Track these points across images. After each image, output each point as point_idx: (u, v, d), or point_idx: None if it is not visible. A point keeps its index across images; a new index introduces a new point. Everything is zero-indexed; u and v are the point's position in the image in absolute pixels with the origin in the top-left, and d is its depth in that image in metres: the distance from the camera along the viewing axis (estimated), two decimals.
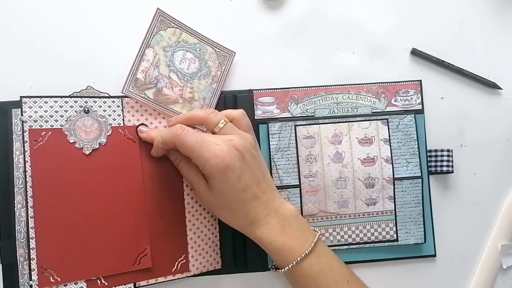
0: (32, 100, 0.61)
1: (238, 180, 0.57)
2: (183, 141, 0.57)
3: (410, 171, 0.71)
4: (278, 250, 0.59)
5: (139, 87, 0.66)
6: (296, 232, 0.60)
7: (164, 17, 0.68)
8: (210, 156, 0.56)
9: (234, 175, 0.57)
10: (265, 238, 0.59)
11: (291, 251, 0.58)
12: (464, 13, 0.77)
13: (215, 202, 0.60)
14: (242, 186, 0.58)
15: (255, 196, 0.59)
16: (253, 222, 0.60)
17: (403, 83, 0.73)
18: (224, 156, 0.56)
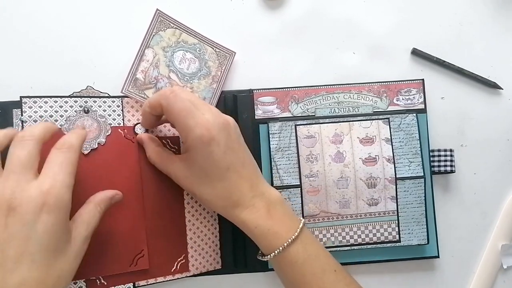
0: (32, 100, 0.60)
1: (223, 157, 0.53)
2: (171, 104, 0.53)
3: (412, 171, 0.70)
4: (264, 235, 0.56)
5: (139, 87, 0.65)
6: (282, 217, 0.57)
7: (163, 18, 0.67)
8: (195, 125, 0.51)
9: (219, 150, 0.53)
10: (249, 222, 0.56)
11: (277, 236, 0.55)
12: (464, 13, 0.77)
13: (194, 181, 0.56)
14: (227, 164, 0.54)
15: (240, 176, 0.55)
16: (236, 204, 0.56)
17: (405, 82, 0.73)
18: (210, 127, 0.52)
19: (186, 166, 0.56)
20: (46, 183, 0.43)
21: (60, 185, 0.44)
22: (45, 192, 0.43)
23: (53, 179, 0.44)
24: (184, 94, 0.53)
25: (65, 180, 0.45)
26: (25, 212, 0.42)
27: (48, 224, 0.43)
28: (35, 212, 0.42)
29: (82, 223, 0.49)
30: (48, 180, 0.44)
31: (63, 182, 0.44)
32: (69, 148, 0.48)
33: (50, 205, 0.43)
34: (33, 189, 0.43)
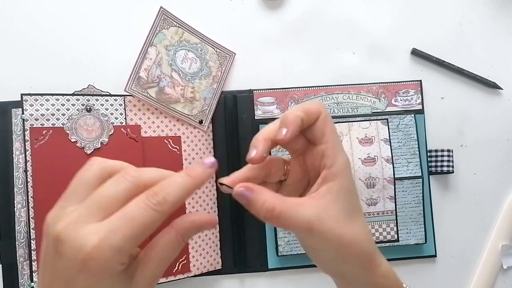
0: (33, 98, 0.60)
1: (352, 192, 0.44)
2: (329, 117, 0.44)
3: (410, 171, 0.71)
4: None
5: (142, 85, 0.66)
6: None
7: (167, 16, 0.68)
8: (342, 148, 0.43)
9: (351, 186, 0.44)
10: (391, 270, 0.49)
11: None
12: (464, 13, 0.77)
13: (342, 219, 0.43)
14: (353, 183, 0.45)
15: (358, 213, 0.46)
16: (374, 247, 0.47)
17: (403, 83, 0.74)
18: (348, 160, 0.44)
19: (330, 201, 0.42)
20: (94, 239, 0.35)
21: (109, 248, 0.34)
22: (88, 250, 0.35)
23: (106, 238, 0.35)
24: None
25: (121, 244, 0.35)
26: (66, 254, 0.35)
27: (87, 282, 0.36)
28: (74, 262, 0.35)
29: (152, 260, 0.38)
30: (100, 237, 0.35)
31: (116, 246, 0.35)
32: (159, 205, 0.37)
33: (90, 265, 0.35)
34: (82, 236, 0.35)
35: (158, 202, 0.36)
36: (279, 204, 0.40)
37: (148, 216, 0.36)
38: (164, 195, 0.36)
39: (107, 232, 0.35)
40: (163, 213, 0.36)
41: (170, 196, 0.37)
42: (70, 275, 0.35)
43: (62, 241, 0.35)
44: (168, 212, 0.37)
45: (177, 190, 0.37)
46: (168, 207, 0.37)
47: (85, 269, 0.35)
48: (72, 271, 0.35)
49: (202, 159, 0.41)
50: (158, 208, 0.36)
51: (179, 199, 0.37)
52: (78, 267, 0.35)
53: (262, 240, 0.71)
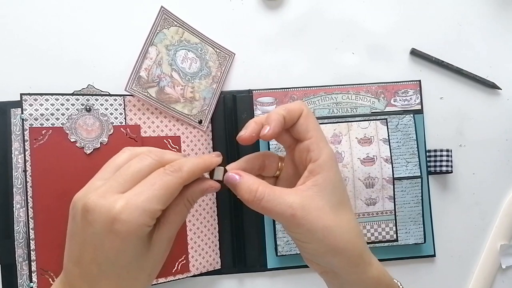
0: (32, 97, 0.60)
1: (339, 186, 0.45)
2: (311, 113, 0.46)
3: (409, 171, 0.71)
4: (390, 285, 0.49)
5: (142, 85, 0.66)
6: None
7: (167, 16, 0.68)
8: (327, 142, 0.45)
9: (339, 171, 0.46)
10: (382, 270, 0.50)
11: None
12: (464, 13, 0.77)
13: (328, 211, 0.44)
14: (340, 176, 0.46)
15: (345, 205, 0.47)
16: (364, 243, 0.48)
17: (402, 83, 0.74)
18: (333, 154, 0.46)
19: (315, 193, 0.44)
20: (122, 202, 0.38)
21: (135, 208, 0.38)
22: (116, 211, 0.38)
23: (131, 200, 0.39)
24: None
25: (145, 205, 0.39)
26: (95, 220, 0.39)
27: (114, 244, 0.39)
28: (102, 227, 0.38)
29: (165, 224, 0.42)
30: (126, 199, 0.39)
31: (141, 206, 0.38)
32: (174, 172, 0.41)
33: (117, 227, 0.38)
34: (110, 202, 0.39)
35: (174, 169, 0.41)
36: (262, 187, 0.43)
37: (167, 180, 0.40)
38: (180, 165, 0.41)
39: (131, 196, 0.39)
40: (179, 178, 0.41)
41: (185, 167, 0.41)
42: (99, 240, 0.39)
43: (91, 209, 0.39)
44: (184, 179, 0.41)
45: (191, 164, 0.42)
46: (184, 174, 0.41)
47: (113, 231, 0.38)
48: (100, 235, 0.38)
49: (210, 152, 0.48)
50: (175, 174, 0.41)
51: (193, 171, 0.42)
52: (106, 230, 0.38)
53: (261, 240, 0.71)
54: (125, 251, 0.39)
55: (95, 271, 0.40)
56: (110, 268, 0.40)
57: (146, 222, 0.39)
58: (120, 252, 0.39)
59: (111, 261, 0.40)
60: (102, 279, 0.40)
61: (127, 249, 0.39)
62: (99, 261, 0.40)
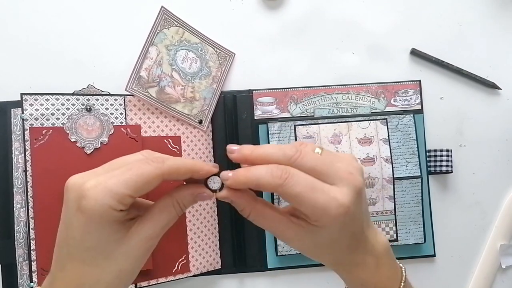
0: (33, 97, 0.60)
1: (352, 225, 0.43)
2: (287, 190, 0.40)
3: (409, 171, 0.71)
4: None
5: (143, 85, 0.66)
6: (388, 271, 0.48)
7: (168, 16, 0.68)
8: (329, 204, 0.40)
9: (350, 220, 0.42)
10: (355, 280, 0.47)
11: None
12: (464, 13, 0.77)
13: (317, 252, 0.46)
14: (354, 230, 0.44)
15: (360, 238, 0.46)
16: (349, 263, 0.47)
17: (402, 83, 0.74)
18: (349, 203, 0.40)
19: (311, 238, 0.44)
20: (93, 181, 0.38)
21: (103, 188, 0.38)
22: (84, 188, 0.38)
23: (102, 179, 0.38)
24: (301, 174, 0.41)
25: (114, 187, 0.38)
26: (68, 198, 0.39)
27: (80, 222, 0.38)
28: (73, 204, 0.39)
29: (147, 220, 0.41)
30: (98, 179, 0.38)
31: (109, 187, 0.38)
32: (155, 162, 0.39)
33: (83, 204, 0.38)
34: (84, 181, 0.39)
35: (157, 160, 0.39)
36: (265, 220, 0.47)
37: (145, 168, 0.39)
38: (163, 158, 0.40)
39: (105, 178, 0.38)
40: (158, 168, 0.39)
41: (169, 161, 0.40)
42: (69, 218, 0.39)
43: (69, 187, 0.39)
44: (162, 170, 0.39)
45: (175, 159, 0.41)
46: (164, 166, 0.39)
47: (80, 209, 0.38)
48: (71, 212, 0.39)
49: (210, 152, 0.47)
50: (155, 165, 0.39)
51: (176, 166, 0.40)
52: (75, 208, 0.38)
53: (262, 240, 0.71)
54: (89, 232, 0.39)
55: (64, 252, 0.40)
56: (76, 250, 0.39)
57: (112, 205, 0.38)
58: (85, 233, 0.39)
59: (77, 241, 0.39)
60: (69, 262, 0.40)
61: (91, 230, 0.39)
62: (68, 241, 0.39)
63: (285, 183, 0.40)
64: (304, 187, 0.40)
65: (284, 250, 0.69)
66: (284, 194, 0.41)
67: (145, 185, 0.39)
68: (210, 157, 0.70)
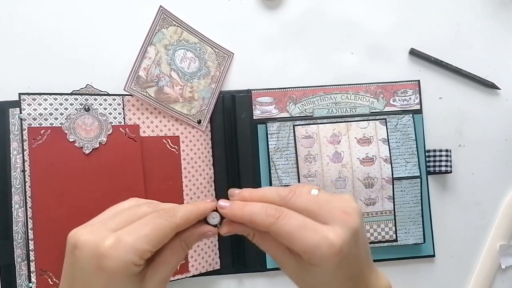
0: (31, 97, 0.60)
1: (348, 267, 0.42)
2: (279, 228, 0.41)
3: (409, 171, 0.71)
4: None
5: (141, 85, 0.66)
6: None
7: (166, 15, 0.68)
8: (320, 243, 0.40)
9: (345, 262, 0.41)
10: None
11: None
12: (463, 13, 0.77)
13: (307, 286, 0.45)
14: (352, 273, 0.43)
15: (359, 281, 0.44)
16: None
17: (401, 83, 0.74)
18: (341, 242, 0.40)
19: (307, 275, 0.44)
20: (111, 238, 0.38)
21: (124, 245, 0.38)
22: (104, 247, 0.38)
23: (121, 237, 0.38)
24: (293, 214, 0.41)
25: (135, 243, 0.38)
26: (82, 256, 0.38)
27: (101, 281, 0.38)
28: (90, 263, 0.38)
29: (160, 264, 0.42)
30: (116, 236, 0.38)
31: (130, 244, 0.38)
32: (168, 216, 0.41)
33: (105, 263, 0.38)
34: (99, 238, 0.38)
35: (169, 215, 0.40)
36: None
37: (160, 223, 0.40)
38: (174, 211, 0.41)
39: (122, 234, 0.38)
40: (174, 224, 0.40)
41: (179, 213, 0.41)
42: (86, 276, 0.38)
43: (79, 245, 0.38)
44: (177, 224, 0.41)
45: (185, 211, 0.42)
46: (177, 220, 0.41)
47: (101, 268, 0.37)
48: (88, 271, 0.38)
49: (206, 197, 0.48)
50: (168, 218, 0.40)
51: (186, 218, 0.41)
52: (94, 267, 0.38)
53: None
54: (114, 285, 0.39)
55: None
56: None
57: (134, 261, 0.38)
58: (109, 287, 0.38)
59: None
60: None
61: (114, 286, 0.39)
62: None
63: (277, 221, 0.41)
64: (295, 225, 0.40)
65: None
66: (276, 233, 0.41)
67: (163, 239, 0.40)
68: (208, 157, 0.70)
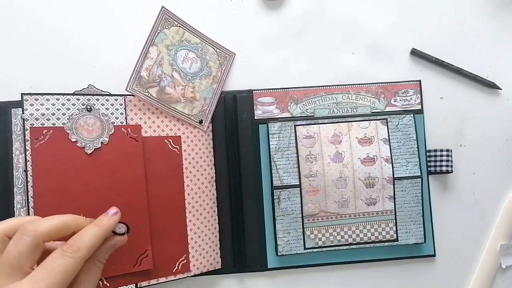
0: (33, 97, 0.60)
1: None
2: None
3: (409, 171, 0.71)
4: None
5: (143, 85, 0.66)
6: None
7: (168, 16, 0.68)
8: None
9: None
10: None
11: None
12: (464, 13, 0.77)
13: None
14: None
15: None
16: None
17: (402, 83, 0.74)
18: None
19: None
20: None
21: None
22: None
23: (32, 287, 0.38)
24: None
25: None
26: None
27: None
28: None
29: (79, 284, 0.42)
30: (27, 286, 0.38)
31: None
32: (73, 253, 0.40)
33: None
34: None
35: (73, 250, 0.40)
36: None
37: (66, 263, 0.39)
38: (78, 244, 0.41)
39: (30, 285, 0.38)
40: (80, 258, 0.40)
41: (83, 244, 0.41)
42: None
43: None
44: (84, 258, 0.41)
45: (89, 238, 0.42)
46: (83, 254, 0.41)
47: None
48: None
49: (107, 210, 0.47)
50: (74, 255, 0.40)
51: (92, 246, 0.42)
52: None
53: (262, 240, 0.71)
54: None
55: None
56: None
57: None
58: None
59: None
60: None
61: None
62: None
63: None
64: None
65: (285, 250, 0.69)
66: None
67: (72, 277, 0.40)
68: (210, 157, 0.70)
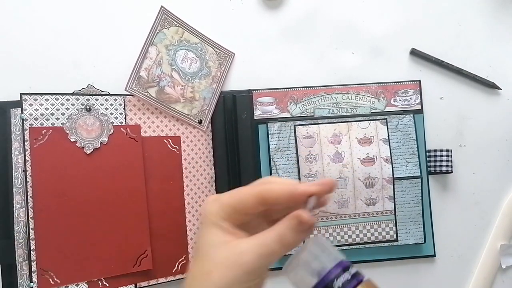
0: (32, 97, 0.60)
1: None
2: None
3: (409, 171, 0.71)
4: None
5: (142, 85, 0.66)
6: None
7: (167, 15, 0.68)
8: None
9: None
10: None
11: None
12: (464, 14, 0.77)
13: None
14: None
15: None
16: None
17: (402, 83, 0.74)
18: None
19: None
20: (210, 199, 0.39)
21: (217, 201, 0.39)
22: (207, 201, 0.39)
23: (220, 197, 0.39)
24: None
25: (225, 200, 0.39)
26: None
27: (200, 223, 0.39)
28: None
29: (270, 234, 0.38)
30: (218, 197, 0.39)
31: (223, 200, 0.39)
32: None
33: (201, 218, 0.39)
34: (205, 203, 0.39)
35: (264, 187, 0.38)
36: None
37: (257, 189, 0.38)
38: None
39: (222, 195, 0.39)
40: (262, 190, 0.38)
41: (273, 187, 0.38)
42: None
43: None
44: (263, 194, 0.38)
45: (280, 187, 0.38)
46: (266, 187, 0.38)
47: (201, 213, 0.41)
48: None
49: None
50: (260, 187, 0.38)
51: (278, 193, 0.37)
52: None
53: None
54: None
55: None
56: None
57: (221, 216, 0.39)
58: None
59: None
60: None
61: (203, 229, 0.39)
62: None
63: None
64: None
65: None
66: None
67: (247, 203, 0.38)
68: (209, 157, 0.70)
